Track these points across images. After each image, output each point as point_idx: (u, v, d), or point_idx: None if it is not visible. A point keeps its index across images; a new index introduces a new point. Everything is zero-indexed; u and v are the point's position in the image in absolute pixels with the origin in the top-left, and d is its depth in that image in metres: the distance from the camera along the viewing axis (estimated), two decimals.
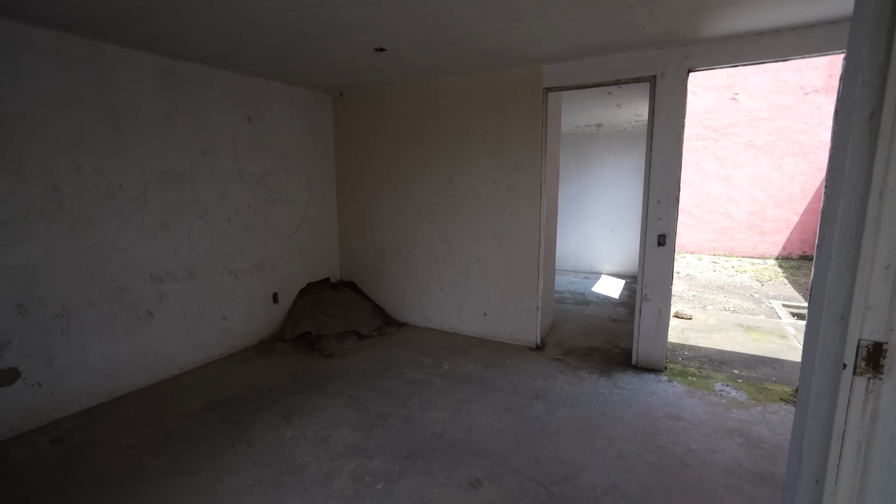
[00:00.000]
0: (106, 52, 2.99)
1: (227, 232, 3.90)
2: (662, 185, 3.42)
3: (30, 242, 2.70)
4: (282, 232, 4.44)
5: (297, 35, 2.85)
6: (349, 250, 5.15)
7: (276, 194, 4.34)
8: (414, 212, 4.61)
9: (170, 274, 3.47)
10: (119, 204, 3.12)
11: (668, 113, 3.35)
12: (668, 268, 3.50)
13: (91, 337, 3.02)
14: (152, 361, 3.39)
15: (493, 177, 4.13)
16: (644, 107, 5.33)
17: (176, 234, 3.50)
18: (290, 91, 4.40)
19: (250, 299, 4.16)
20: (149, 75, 3.24)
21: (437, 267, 4.56)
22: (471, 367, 3.73)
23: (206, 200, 3.70)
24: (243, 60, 3.42)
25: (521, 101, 3.89)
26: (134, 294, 3.25)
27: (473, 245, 4.33)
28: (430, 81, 4.25)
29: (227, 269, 3.92)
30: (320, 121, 4.79)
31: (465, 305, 4.47)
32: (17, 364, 2.68)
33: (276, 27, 2.71)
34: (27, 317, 2.71)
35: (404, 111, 4.47)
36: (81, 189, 2.92)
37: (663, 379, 3.46)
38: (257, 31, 2.78)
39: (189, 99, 3.51)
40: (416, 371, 3.65)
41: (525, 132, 3.91)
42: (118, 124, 3.09)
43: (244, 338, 4.14)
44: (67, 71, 2.81)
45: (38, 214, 2.73)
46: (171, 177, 3.44)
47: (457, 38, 3.00)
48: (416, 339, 4.42)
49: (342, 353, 4.04)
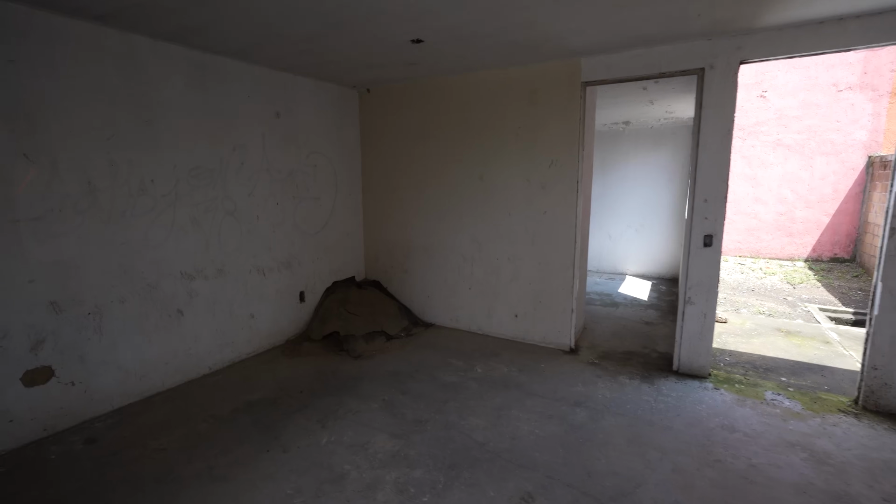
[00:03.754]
0: (139, 45, 2.92)
1: (256, 229, 3.83)
2: (710, 183, 3.26)
3: (64, 238, 2.64)
4: (309, 230, 4.36)
5: (332, 25, 2.75)
6: (374, 249, 5.06)
7: (303, 191, 4.26)
8: (442, 210, 4.49)
9: (200, 271, 3.40)
10: (151, 200, 3.06)
11: (717, 107, 3.19)
12: (714, 270, 3.34)
13: (123, 335, 2.96)
14: (182, 360, 3.33)
15: (525, 174, 4.00)
16: (678, 103, 5.16)
17: (206, 231, 3.43)
18: (318, 87, 4.31)
19: (278, 298, 4.09)
20: (180, 69, 3.17)
21: (466, 266, 4.44)
22: (505, 370, 3.61)
23: (235, 197, 3.63)
24: (275, 54, 3.34)
25: (556, 96, 3.75)
26: (165, 292, 3.18)
27: (505, 244, 4.20)
28: (459, 77, 4.13)
29: (255, 267, 3.84)
30: (347, 117, 4.70)
31: (496, 306, 4.35)
32: (51, 362, 2.62)
33: (313, 16, 2.61)
34: (61, 314, 2.65)
35: (432, 107, 4.36)
36: (114, 184, 2.86)
37: (709, 386, 3.30)
38: (293, 21, 2.68)
39: (219, 94, 3.44)
40: (448, 374, 3.54)
41: (561, 128, 3.78)
42: (150, 119, 3.02)
43: (271, 337, 4.07)
44: (101, 64, 2.75)
45: (73, 210, 2.67)
46: (202, 173, 3.37)
47: (498, 29, 2.87)
48: (445, 340, 4.31)
49: (371, 354, 3.94)
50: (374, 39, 3.00)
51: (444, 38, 3.01)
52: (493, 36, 2.99)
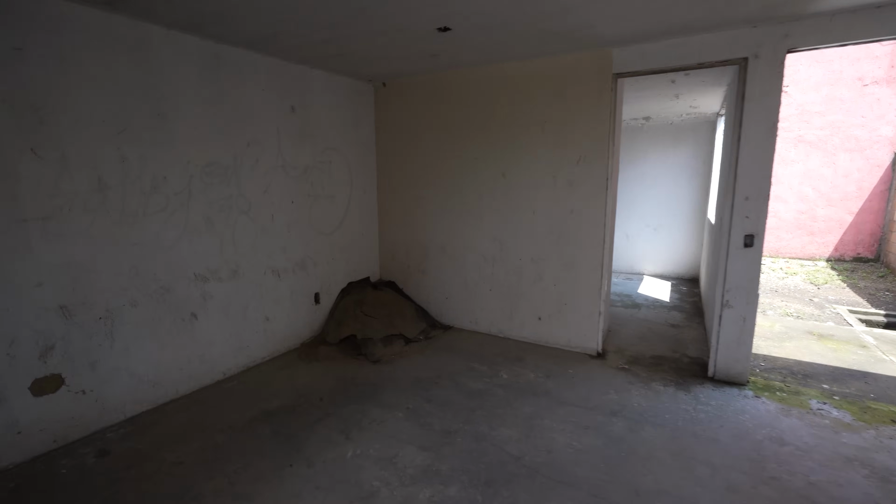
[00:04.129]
0: (151, 35, 2.77)
1: (271, 229, 3.67)
2: (752, 179, 3.08)
3: (73, 239, 2.49)
4: (324, 229, 4.21)
5: (356, 11, 2.57)
6: (390, 248, 4.90)
7: (318, 189, 4.10)
8: (462, 208, 4.33)
9: (214, 273, 3.26)
10: (163, 198, 2.91)
11: (761, 99, 3.01)
12: (755, 271, 3.16)
13: (135, 340, 2.82)
14: (196, 366, 3.18)
15: (551, 171, 3.82)
16: (704, 98, 4.96)
17: (220, 231, 3.28)
18: (333, 80, 4.15)
19: (293, 300, 3.94)
20: (194, 60, 3.01)
21: (487, 267, 4.28)
22: (531, 376, 3.45)
23: (249, 195, 3.48)
24: (293, 43, 3.17)
25: (586, 89, 3.57)
26: (178, 295, 3.04)
27: (528, 244, 4.03)
28: (482, 69, 3.96)
29: (270, 269, 3.69)
30: (362, 112, 4.53)
31: (518, 308, 4.18)
32: (60, 370, 2.48)
33: (336, 2, 2.44)
34: (71, 319, 2.51)
35: (452, 101, 4.19)
36: (126, 182, 2.71)
37: (748, 394, 3.13)
38: (315, 7, 2.52)
39: (234, 86, 3.28)
40: (473, 380, 3.38)
41: (590, 123, 3.60)
42: (163, 112, 2.87)
43: (287, 340, 3.92)
44: (112, 53, 2.59)
45: (82, 209, 2.52)
46: (216, 169, 3.22)
47: (532, 16, 2.70)
48: (465, 343, 4.15)
49: (390, 359, 3.79)
50: (399, 28, 2.83)
51: (472, 26, 2.84)
52: (525, 24, 2.82)
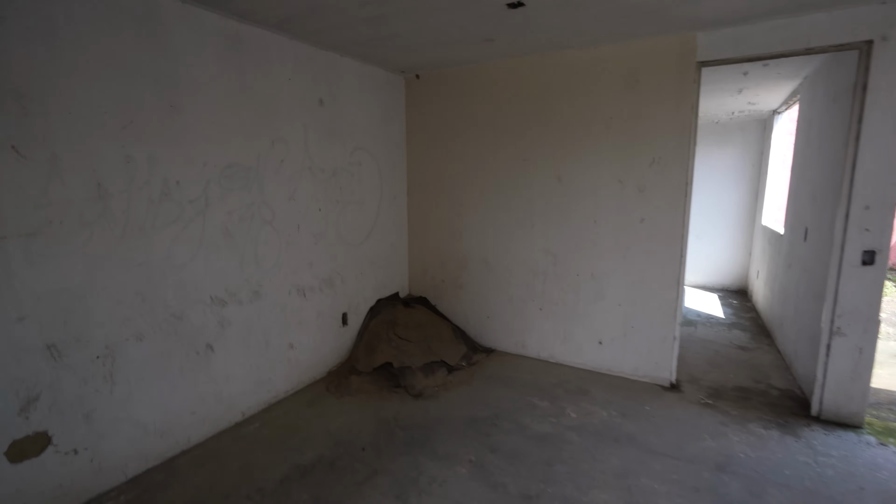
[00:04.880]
0: (163, 8, 2.27)
1: (296, 241, 3.17)
2: (875, 185, 2.60)
3: (66, 259, 1.98)
4: (353, 240, 3.70)
5: None
6: (421, 261, 4.40)
7: (347, 194, 3.60)
8: (508, 216, 3.84)
9: (233, 295, 2.75)
10: (176, 207, 2.40)
11: (889, 90, 2.53)
12: (876, 293, 2.68)
13: (140, 382, 2.30)
14: (212, 407, 2.67)
15: (618, 174, 3.33)
16: (770, 93, 4.49)
17: (240, 245, 2.77)
18: (364, 70, 3.66)
19: (319, 322, 3.43)
20: (212, 42, 2.52)
21: (537, 283, 3.78)
22: (604, 414, 2.95)
23: (273, 202, 2.97)
24: (330, 23, 2.68)
25: (662, 80, 3.09)
26: (192, 323, 2.53)
27: (587, 258, 3.54)
28: (536, 58, 3.47)
29: (295, 287, 3.19)
30: (392, 107, 4.05)
31: (574, 331, 3.68)
32: (46, 426, 1.97)
33: None
34: (60, 361, 1.99)
35: (498, 95, 3.70)
36: (131, 187, 2.20)
37: (871, 440, 2.63)
38: None
39: (257, 74, 2.79)
40: (537, 420, 2.87)
41: (666, 119, 3.12)
42: (176, 103, 2.37)
43: (312, 369, 3.41)
44: (115, 29, 2.09)
45: (78, 221, 2.01)
46: (237, 172, 2.72)
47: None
48: (514, 371, 3.64)
49: (433, 392, 3.28)
50: (465, 4, 2.34)
51: (546, 1, 2.35)
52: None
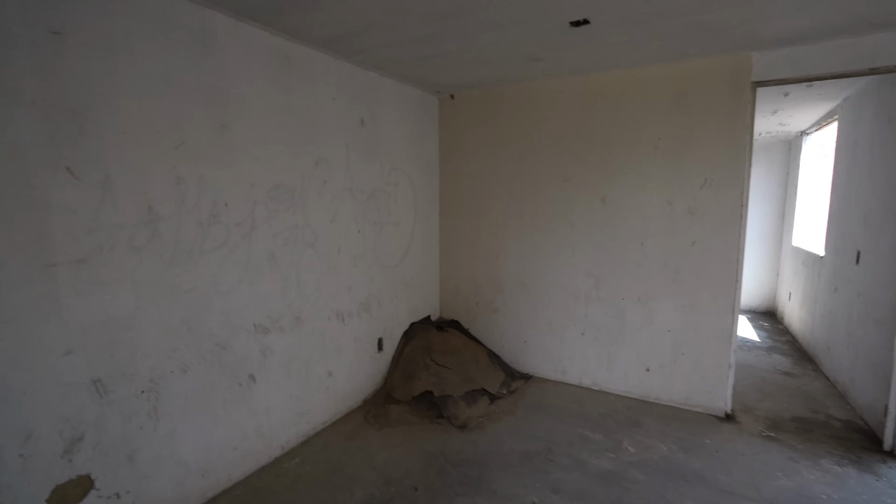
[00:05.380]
0: (216, 25, 2.20)
1: (337, 264, 3.05)
2: None
3: (115, 287, 1.85)
4: (389, 262, 3.58)
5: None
6: (453, 283, 4.27)
7: (384, 216, 3.50)
8: (547, 238, 3.73)
9: (275, 322, 2.61)
10: (223, 230, 2.29)
11: None
12: None
13: (184, 418, 2.14)
14: (252, 442, 2.50)
15: (667, 196, 3.24)
16: (804, 113, 4.45)
17: (284, 269, 2.65)
18: (402, 90, 3.60)
19: (356, 348, 3.28)
20: (261, 59, 2.45)
21: (579, 307, 3.65)
22: (663, 449, 2.78)
23: (316, 224, 2.86)
24: (378, 41, 2.61)
25: (713, 100, 3.02)
26: (235, 352, 2.38)
27: (633, 281, 3.42)
28: (580, 79, 3.42)
29: (334, 312, 3.05)
30: (427, 127, 3.98)
31: (618, 357, 3.53)
32: (89, 469, 1.80)
33: None
34: (106, 396, 1.84)
35: (537, 115, 3.64)
36: (181, 210, 2.09)
37: None
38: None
39: (303, 93, 2.71)
40: (594, 455, 2.70)
41: (718, 139, 3.04)
42: (226, 122, 2.27)
43: (348, 398, 3.24)
44: (170, 47, 2.01)
45: (128, 246, 1.89)
46: (282, 193, 2.61)
47: (690, 8, 2.16)
48: (557, 399, 3.48)
49: (478, 423, 3.11)
50: (527, 20, 2.27)
51: (613, 19, 2.29)
52: (680, 16, 2.27)
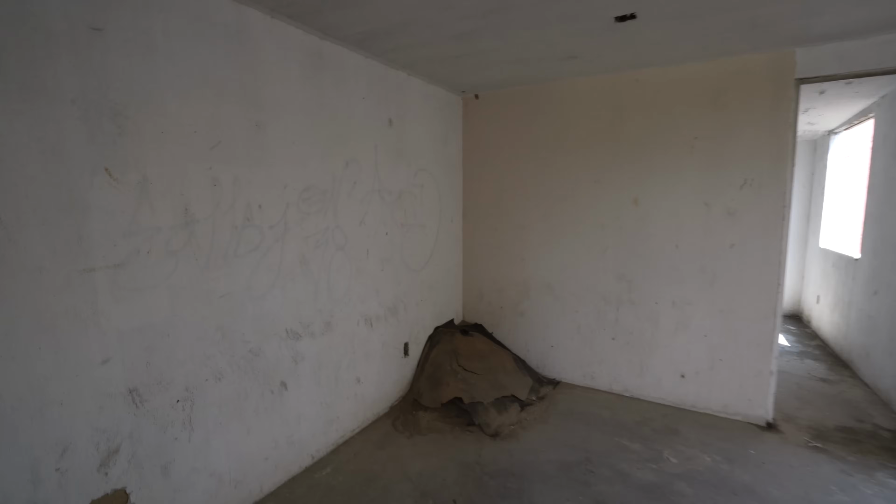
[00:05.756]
0: (251, 22, 2.13)
1: (365, 268, 2.97)
2: None
3: (151, 293, 1.79)
4: (415, 265, 3.50)
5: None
6: (476, 286, 4.18)
7: (410, 217, 3.42)
8: (576, 240, 3.63)
9: (306, 328, 2.53)
10: (257, 233, 2.22)
11: None
12: None
13: (218, 427, 2.07)
14: (284, 451, 2.42)
15: (703, 197, 3.14)
16: (835, 112, 4.33)
17: (315, 273, 2.57)
18: (428, 90, 3.53)
19: (383, 353, 3.20)
20: (296, 58, 2.38)
21: (609, 311, 3.55)
22: (707, 459, 2.67)
23: (346, 226, 2.79)
24: (416, 40, 2.54)
25: (754, 98, 2.93)
26: (268, 359, 2.31)
27: (668, 285, 3.31)
28: (610, 76, 3.33)
29: (363, 317, 2.97)
30: (450, 127, 3.90)
31: (651, 363, 3.43)
32: (125, 482, 1.73)
33: None
34: (142, 407, 1.77)
35: (566, 115, 3.55)
36: (216, 212, 2.02)
37: None
38: None
39: (335, 93, 2.65)
40: (635, 466, 2.60)
41: (759, 138, 2.94)
42: (261, 122, 2.21)
43: (376, 405, 3.16)
44: (208, 44, 1.95)
45: (164, 250, 1.82)
46: (314, 195, 2.54)
47: (738, 0, 2.07)
48: (589, 406, 3.37)
49: (511, 431, 3.01)
50: (573, 15, 2.19)
51: (663, 12, 2.20)
52: (733, 9, 2.18)
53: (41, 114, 1.44)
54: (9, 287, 1.39)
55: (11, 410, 1.42)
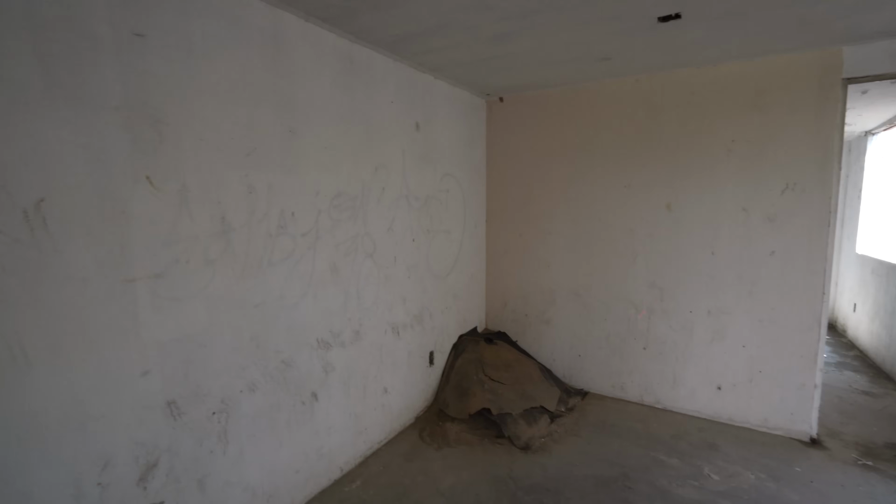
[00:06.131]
0: (287, 25, 2.10)
1: (393, 275, 2.92)
2: None
3: (189, 303, 1.75)
4: (440, 271, 3.45)
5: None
6: (500, 293, 4.11)
7: (436, 223, 3.37)
8: (605, 247, 3.54)
9: (336, 337, 2.49)
10: (290, 240, 2.18)
11: None
12: None
13: (251, 440, 2.03)
14: (314, 464, 2.37)
15: (742, 202, 3.03)
16: (875, 113, 4.17)
17: (345, 281, 2.53)
18: (454, 93, 3.48)
19: (409, 362, 3.14)
20: (328, 62, 2.35)
21: (641, 320, 3.45)
22: (751, 477, 2.56)
23: (375, 233, 2.75)
24: (450, 42, 2.49)
25: (797, 99, 2.81)
26: (300, 370, 2.26)
27: (703, 293, 3.20)
28: (642, 78, 3.24)
29: (390, 325, 2.92)
30: (475, 131, 3.85)
31: (685, 374, 3.31)
32: (163, 496, 1.70)
33: None
34: (179, 419, 1.74)
35: (594, 118, 3.47)
36: (251, 220, 1.99)
37: None
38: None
39: (364, 97, 2.61)
40: (675, 483, 2.50)
41: (803, 141, 2.83)
42: (294, 127, 2.17)
43: (402, 415, 3.10)
44: (245, 48, 1.92)
45: (202, 259, 1.79)
46: (344, 201, 2.50)
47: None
48: (620, 418, 3.27)
49: (541, 444, 2.93)
50: (615, 15, 2.12)
51: (710, 12, 2.12)
52: (784, 7, 2.09)
53: (86, 122, 1.42)
54: (55, 299, 1.36)
55: (57, 424, 1.39)
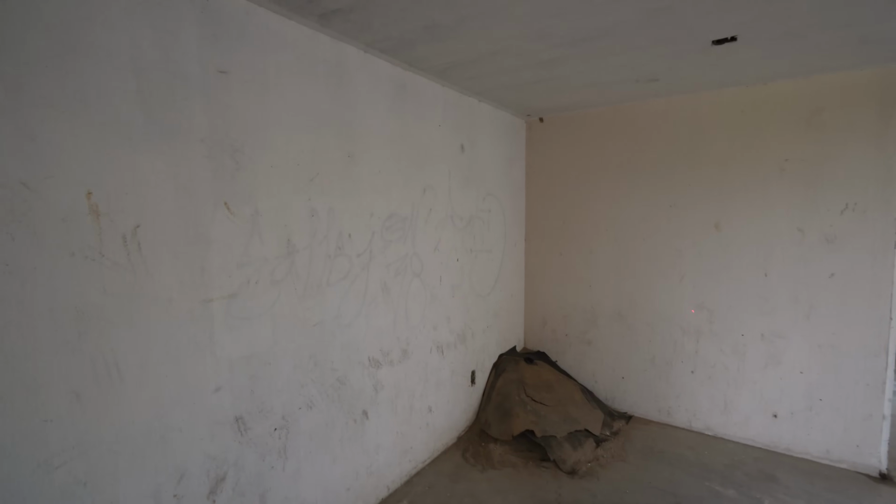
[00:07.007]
0: (347, 57, 2.21)
1: (438, 294, 2.96)
2: None
3: (257, 321, 1.83)
4: (482, 290, 3.46)
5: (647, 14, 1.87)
6: (539, 312, 4.08)
7: (479, 242, 3.40)
8: (649, 266, 3.48)
9: (386, 355, 2.53)
10: (347, 261, 2.25)
11: None
12: None
13: (308, 456, 2.07)
14: (363, 482, 2.39)
15: (797, 222, 2.94)
16: None
17: (395, 301, 2.58)
18: (496, 115, 3.54)
19: (453, 381, 3.15)
20: (383, 89, 2.44)
21: (688, 342, 3.35)
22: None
23: (422, 253, 2.80)
24: (499, 68, 2.55)
25: (857, 117, 2.73)
26: (353, 387, 2.31)
27: (755, 316, 3.09)
28: (687, 97, 3.22)
29: (435, 344, 2.94)
30: (515, 151, 3.89)
31: (737, 400, 3.18)
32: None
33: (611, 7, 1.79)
34: (245, 435, 1.80)
35: (637, 137, 3.45)
36: (313, 242, 2.07)
37: None
38: (583, 11, 1.87)
39: (415, 121, 2.69)
40: None
41: (863, 159, 2.73)
42: (352, 152, 2.26)
43: (445, 435, 3.09)
44: (312, 80, 2.03)
45: (269, 280, 1.87)
46: (395, 223, 2.57)
47: (852, 18, 1.94)
48: (669, 444, 3.16)
49: (589, 469, 2.86)
50: (670, 38, 2.13)
51: (768, 34, 2.10)
52: (845, 27, 2.06)
53: (177, 153, 1.53)
54: (145, 317, 1.46)
55: (141, 437, 1.46)
